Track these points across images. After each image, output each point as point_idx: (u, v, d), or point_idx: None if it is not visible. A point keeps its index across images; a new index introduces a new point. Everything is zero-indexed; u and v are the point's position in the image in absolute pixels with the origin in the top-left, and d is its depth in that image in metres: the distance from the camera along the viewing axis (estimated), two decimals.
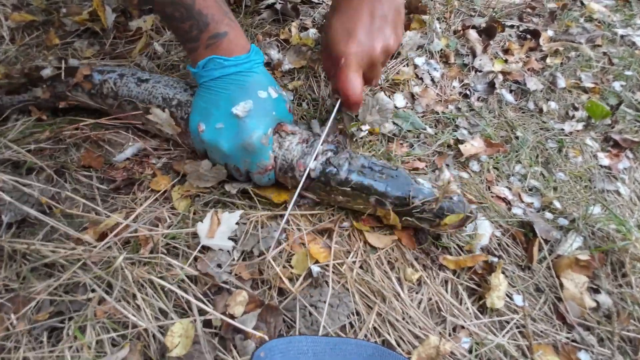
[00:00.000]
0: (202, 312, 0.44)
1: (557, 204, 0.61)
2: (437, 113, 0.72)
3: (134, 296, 0.45)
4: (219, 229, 0.50)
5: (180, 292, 0.44)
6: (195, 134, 0.51)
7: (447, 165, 0.63)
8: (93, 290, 0.45)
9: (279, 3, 0.83)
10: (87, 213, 0.51)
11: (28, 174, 0.53)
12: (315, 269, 0.48)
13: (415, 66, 0.79)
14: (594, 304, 0.49)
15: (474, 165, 0.65)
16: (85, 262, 0.45)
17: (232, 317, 0.44)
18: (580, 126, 0.75)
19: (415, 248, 0.53)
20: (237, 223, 0.51)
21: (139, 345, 0.42)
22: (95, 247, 0.46)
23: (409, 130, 0.68)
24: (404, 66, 0.78)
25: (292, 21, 0.83)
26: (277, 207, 0.55)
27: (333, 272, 0.49)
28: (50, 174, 0.54)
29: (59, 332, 0.43)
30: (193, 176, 0.55)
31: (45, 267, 0.46)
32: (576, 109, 0.78)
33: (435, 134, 0.69)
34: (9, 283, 0.45)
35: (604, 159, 0.70)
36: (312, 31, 0.78)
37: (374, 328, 0.46)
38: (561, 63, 0.87)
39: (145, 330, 0.43)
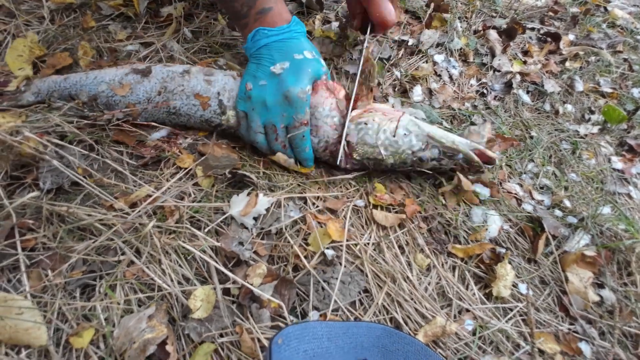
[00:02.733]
0: (222, 280, 0.47)
1: (567, 203, 0.62)
2: (454, 109, 0.74)
3: (160, 261, 0.48)
4: (254, 209, 0.52)
5: (204, 258, 0.47)
6: (243, 93, 0.58)
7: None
8: (123, 254, 0.48)
9: None
10: (119, 184, 0.55)
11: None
12: (329, 252, 0.50)
13: (435, 63, 0.81)
14: (597, 299, 0.51)
15: None
16: (117, 227, 0.48)
17: (250, 285, 0.47)
18: (595, 129, 0.76)
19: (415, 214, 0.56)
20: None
21: (164, 305, 0.45)
22: (127, 214, 0.50)
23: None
24: (424, 62, 0.80)
25: (316, 14, 0.85)
26: (301, 176, 0.58)
27: (347, 252, 0.51)
28: (87, 146, 0.57)
29: (91, 289, 0.46)
30: (206, 167, 0.58)
31: (79, 230, 0.50)
32: (592, 112, 0.79)
33: (451, 129, 0.70)
34: (47, 242, 0.49)
35: (618, 163, 0.71)
36: (335, 24, 0.81)
37: (383, 306, 0.48)
38: (580, 67, 0.88)
39: (170, 293, 0.46)
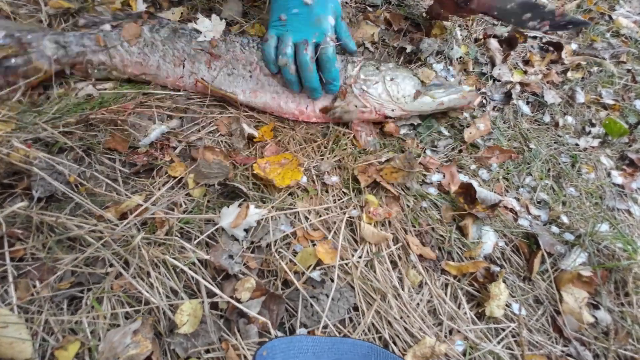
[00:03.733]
0: (210, 294, 0.47)
1: (565, 219, 0.61)
2: (451, 118, 0.73)
3: (148, 274, 0.48)
4: (244, 221, 0.52)
5: (191, 273, 0.47)
6: (277, 21, 0.64)
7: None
8: (111, 265, 0.48)
9: None
10: (110, 193, 0.54)
11: (59, 153, 0.57)
12: (316, 274, 0.50)
13: (434, 72, 0.80)
14: (592, 320, 0.50)
15: (484, 174, 0.65)
16: (106, 239, 0.48)
17: (238, 301, 0.46)
18: (596, 142, 0.74)
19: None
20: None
21: (150, 319, 0.44)
22: (116, 225, 0.49)
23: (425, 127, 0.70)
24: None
25: None
26: (280, 192, 0.58)
27: (338, 268, 0.51)
28: (77, 154, 0.57)
29: (78, 301, 0.46)
30: (197, 174, 0.57)
31: (69, 240, 0.50)
32: (593, 125, 0.78)
33: (450, 137, 0.70)
34: (35, 252, 0.48)
35: (618, 177, 0.70)
36: None
37: (372, 324, 0.48)
38: (582, 77, 0.86)
39: (157, 307, 0.46)
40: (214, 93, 0.67)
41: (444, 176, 0.63)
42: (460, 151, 0.68)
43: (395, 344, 0.46)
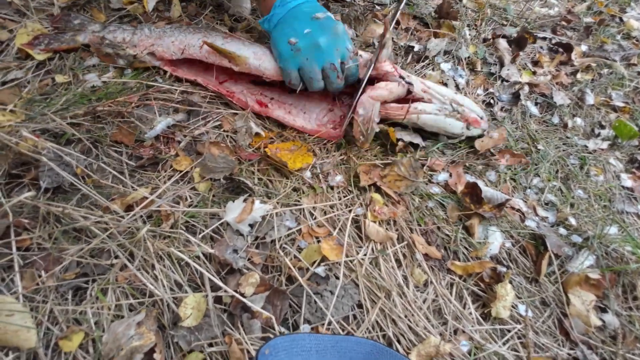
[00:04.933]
0: (214, 288, 0.47)
1: (573, 221, 0.60)
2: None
3: (153, 266, 0.48)
4: (249, 215, 0.52)
5: (195, 266, 0.47)
6: (288, 50, 0.58)
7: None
8: (116, 257, 0.48)
9: None
10: (116, 185, 0.55)
11: (66, 144, 0.57)
12: (321, 269, 0.49)
13: (441, 71, 0.79)
14: (599, 323, 0.49)
15: (491, 175, 0.65)
16: (112, 230, 0.48)
17: (242, 295, 0.46)
18: (605, 145, 0.74)
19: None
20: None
21: (154, 312, 0.44)
22: (122, 217, 0.50)
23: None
24: (430, 70, 0.79)
25: None
26: (292, 176, 0.58)
27: (343, 265, 0.50)
28: (84, 146, 0.57)
29: (83, 291, 0.46)
30: (203, 168, 0.57)
31: (75, 231, 0.50)
32: (603, 127, 0.77)
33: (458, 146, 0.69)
34: (41, 242, 0.48)
35: (627, 180, 0.69)
36: None
37: (376, 322, 0.47)
38: (592, 79, 0.86)
39: (161, 299, 0.46)
40: (223, 55, 0.65)
41: (450, 175, 0.63)
42: (467, 155, 0.67)
43: (399, 342, 0.46)
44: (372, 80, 0.63)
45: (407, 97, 0.63)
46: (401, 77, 0.62)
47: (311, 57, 0.58)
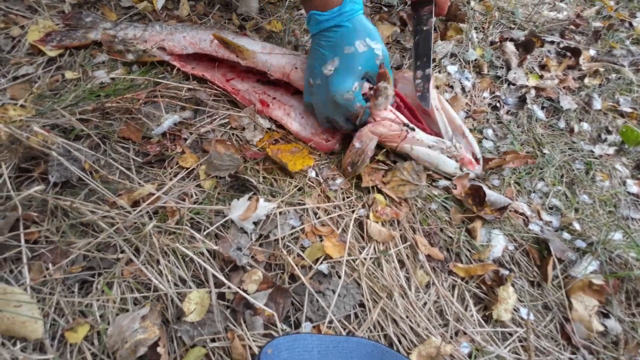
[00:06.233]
0: (217, 284, 0.47)
1: (577, 226, 0.60)
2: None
3: (158, 262, 0.48)
4: (254, 214, 0.52)
5: (200, 262, 0.47)
6: (307, 85, 0.59)
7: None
8: (122, 252, 0.48)
9: None
10: (123, 180, 0.55)
11: (75, 140, 0.58)
12: (324, 266, 0.50)
13: (448, 74, 0.79)
14: (601, 328, 0.49)
15: (494, 180, 0.65)
16: (118, 225, 0.49)
17: (245, 292, 0.46)
18: (611, 150, 0.73)
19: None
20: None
21: (158, 306, 0.45)
22: (129, 212, 0.50)
23: None
24: (436, 72, 0.79)
25: None
26: (293, 177, 0.59)
27: (345, 265, 0.51)
28: (93, 142, 0.58)
29: (89, 285, 0.47)
30: (209, 166, 0.58)
31: (82, 225, 0.51)
32: (609, 132, 0.76)
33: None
34: (49, 236, 0.49)
35: (633, 186, 0.68)
36: None
37: (377, 322, 0.48)
38: (600, 84, 0.85)
39: (165, 294, 0.46)
40: (232, 49, 0.66)
41: (455, 187, 0.62)
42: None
43: (400, 342, 0.46)
44: None
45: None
46: (404, 124, 0.59)
47: (318, 105, 0.59)
